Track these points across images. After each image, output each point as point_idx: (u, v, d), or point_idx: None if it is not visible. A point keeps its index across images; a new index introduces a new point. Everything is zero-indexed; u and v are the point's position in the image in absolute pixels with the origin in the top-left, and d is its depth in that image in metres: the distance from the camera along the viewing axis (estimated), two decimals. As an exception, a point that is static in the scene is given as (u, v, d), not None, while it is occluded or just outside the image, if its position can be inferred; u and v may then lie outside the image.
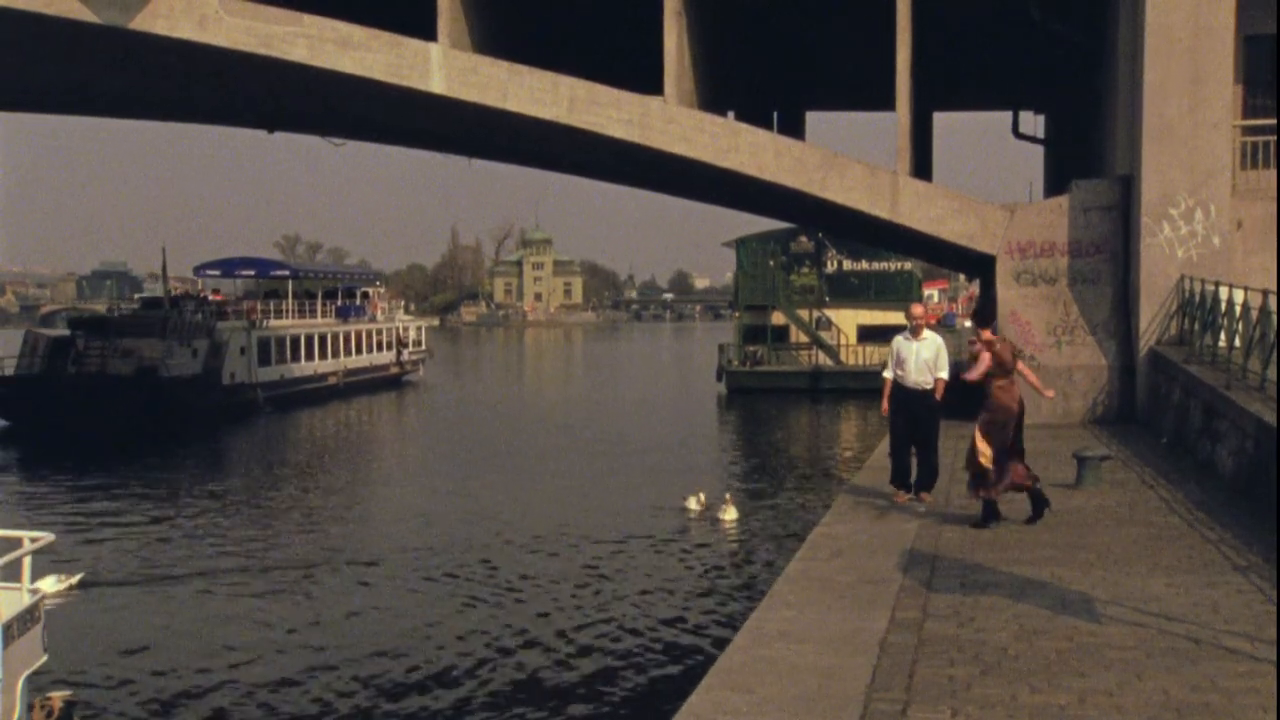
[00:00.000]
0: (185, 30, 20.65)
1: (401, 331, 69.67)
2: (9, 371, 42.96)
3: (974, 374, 11.44)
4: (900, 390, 12.90)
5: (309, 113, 29.35)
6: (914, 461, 13.03)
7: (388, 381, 65.18)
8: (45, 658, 10.39)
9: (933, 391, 12.81)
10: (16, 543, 10.22)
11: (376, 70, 20.92)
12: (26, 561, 10.13)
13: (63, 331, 45.83)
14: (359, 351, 62.62)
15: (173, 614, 17.22)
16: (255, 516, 25.46)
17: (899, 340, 13.06)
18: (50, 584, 10.43)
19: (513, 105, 21.06)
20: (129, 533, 23.40)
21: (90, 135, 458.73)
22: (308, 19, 20.82)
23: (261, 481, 31.01)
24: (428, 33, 20.99)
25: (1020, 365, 11.88)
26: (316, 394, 55.20)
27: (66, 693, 11.48)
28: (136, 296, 66.94)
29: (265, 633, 16.17)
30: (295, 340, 55.32)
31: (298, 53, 20.77)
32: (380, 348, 65.68)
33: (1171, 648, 7.51)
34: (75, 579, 12.19)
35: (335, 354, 59.56)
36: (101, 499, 27.48)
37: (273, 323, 54.57)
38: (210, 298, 55.54)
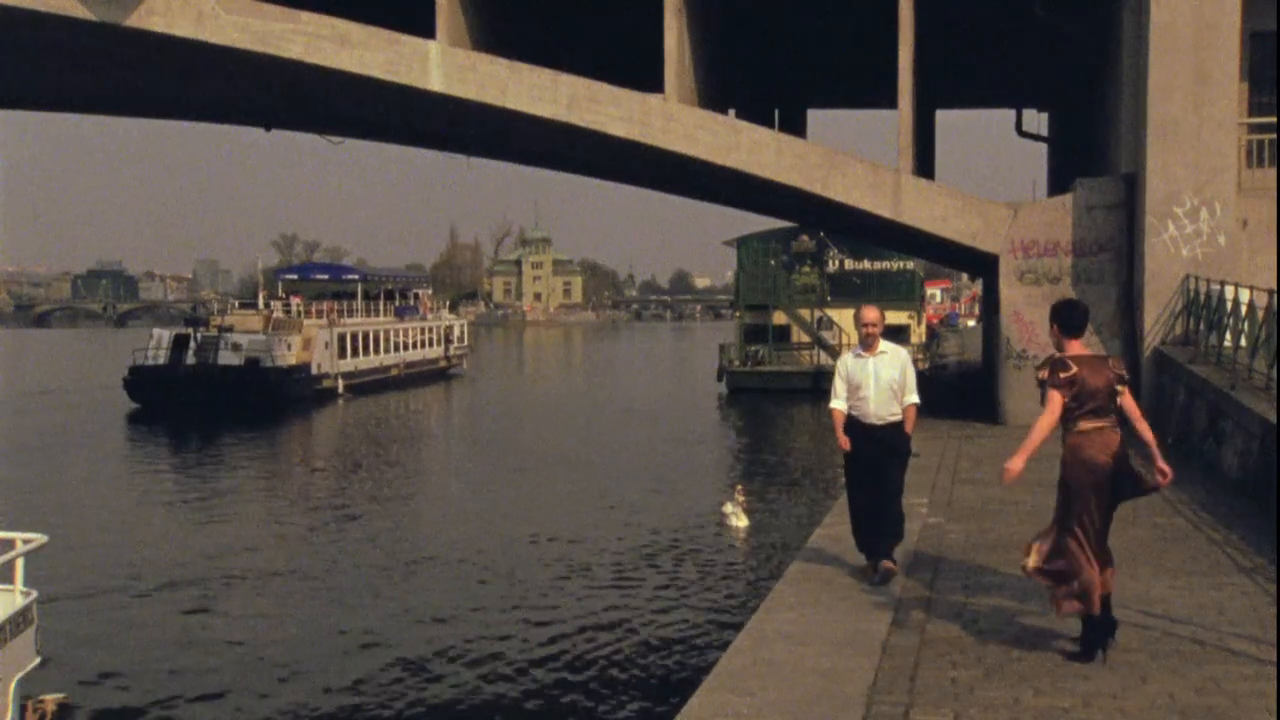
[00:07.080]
0: (182, 28, 20.55)
1: (447, 329, 75.34)
2: (139, 362, 49.91)
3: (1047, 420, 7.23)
4: (857, 428, 9.31)
5: (307, 111, 29.25)
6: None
7: (437, 374, 70.84)
8: (38, 660, 10.29)
9: (902, 424, 9.36)
10: (9, 544, 10.14)
11: (374, 68, 20.82)
12: (19, 563, 10.05)
13: (182, 329, 53.13)
14: (414, 347, 68.97)
15: (173, 613, 17.12)
16: (304, 512, 25.54)
17: (848, 360, 9.44)
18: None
19: (512, 103, 20.96)
20: (152, 529, 23.54)
21: (87, 134, 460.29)
22: (305, 16, 20.72)
23: (330, 471, 32.54)
24: (426, 30, 20.89)
25: (1125, 397, 7.37)
26: (382, 383, 61.58)
27: (59, 695, 11.37)
28: (230, 297, 74.73)
29: (268, 634, 16.07)
30: (365, 336, 61.99)
31: (295, 50, 20.67)
32: (431, 343, 71.84)
33: (1176, 650, 7.43)
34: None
35: (396, 349, 65.93)
36: (163, 485, 29.52)
37: (346, 320, 60.87)
38: (294, 300, 62.00)
